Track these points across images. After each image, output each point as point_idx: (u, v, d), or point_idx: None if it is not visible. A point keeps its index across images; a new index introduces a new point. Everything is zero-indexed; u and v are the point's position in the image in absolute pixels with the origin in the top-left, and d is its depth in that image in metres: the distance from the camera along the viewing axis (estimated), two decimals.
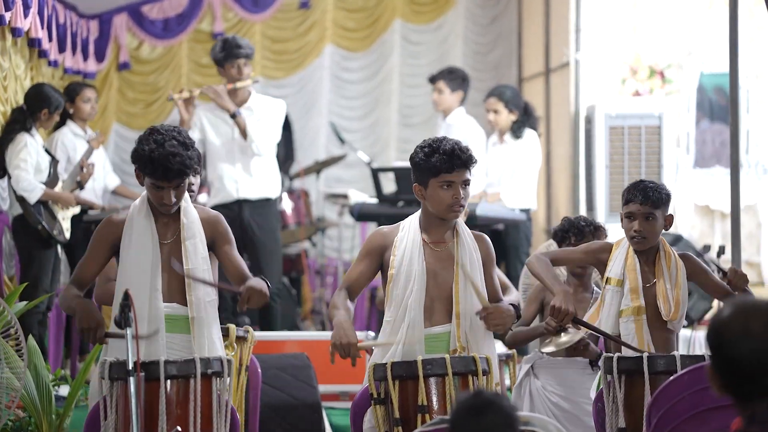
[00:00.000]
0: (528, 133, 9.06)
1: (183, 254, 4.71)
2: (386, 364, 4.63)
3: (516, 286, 6.68)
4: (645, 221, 5.04)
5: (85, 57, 10.66)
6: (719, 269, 5.03)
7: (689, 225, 10.97)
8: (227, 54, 8.34)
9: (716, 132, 10.69)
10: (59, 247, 7.84)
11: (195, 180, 5.37)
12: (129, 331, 3.99)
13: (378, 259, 4.87)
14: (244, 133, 8.26)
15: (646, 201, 5.03)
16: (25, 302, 6.37)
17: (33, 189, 7.60)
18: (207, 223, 4.81)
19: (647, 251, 5.09)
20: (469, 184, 4.84)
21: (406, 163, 8.86)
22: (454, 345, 4.73)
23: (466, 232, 4.88)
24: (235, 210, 8.41)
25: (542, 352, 5.57)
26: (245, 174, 8.39)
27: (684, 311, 5.05)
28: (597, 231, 5.70)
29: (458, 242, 4.83)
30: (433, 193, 4.79)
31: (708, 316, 8.92)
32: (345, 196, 9.99)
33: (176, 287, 4.70)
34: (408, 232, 4.85)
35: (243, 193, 8.41)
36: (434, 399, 4.61)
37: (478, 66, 11.81)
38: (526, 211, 9.00)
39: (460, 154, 4.77)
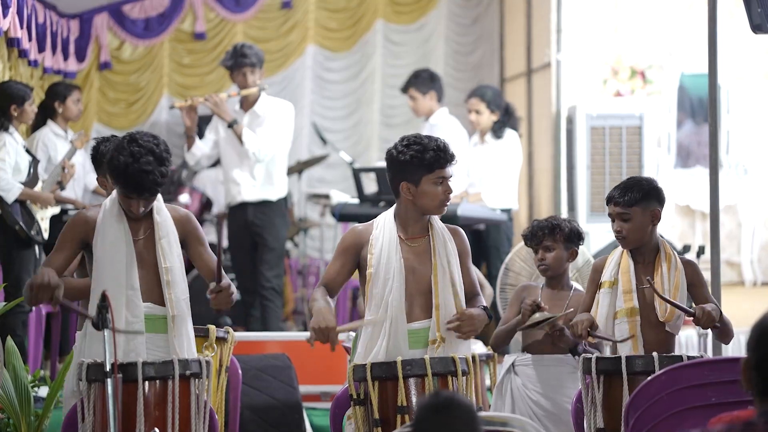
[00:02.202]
0: (509, 133, 9.06)
1: (159, 253, 4.71)
2: (366, 364, 4.63)
3: (495, 286, 6.70)
4: (622, 221, 5.05)
5: (66, 56, 10.62)
6: (689, 308, 4.99)
7: (670, 225, 10.99)
8: (234, 62, 8.58)
9: (697, 132, 10.73)
10: (38, 248, 7.80)
11: None
12: (107, 333, 3.97)
13: (354, 257, 4.86)
14: (240, 141, 8.45)
15: (618, 202, 5.06)
16: (2, 303, 6.34)
17: (10, 189, 7.56)
18: (178, 221, 4.81)
19: (645, 252, 5.06)
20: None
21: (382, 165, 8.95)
22: (434, 336, 4.72)
23: (439, 226, 4.88)
24: (241, 211, 8.61)
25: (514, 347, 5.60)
26: (249, 177, 8.58)
27: (679, 314, 5.00)
28: (553, 232, 5.66)
29: (433, 235, 4.82)
30: (426, 189, 4.78)
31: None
32: (327, 197, 10.00)
33: (152, 286, 4.71)
34: (383, 229, 4.84)
35: (245, 195, 8.61)
36: (414, 400, 4.61)
37: (460, 66, 11.82)
38: (507, 212, 9.00)
39: (447, 149, 4.80)
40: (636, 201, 5.02)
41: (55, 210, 7.97)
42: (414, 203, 4.82)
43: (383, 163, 8.73)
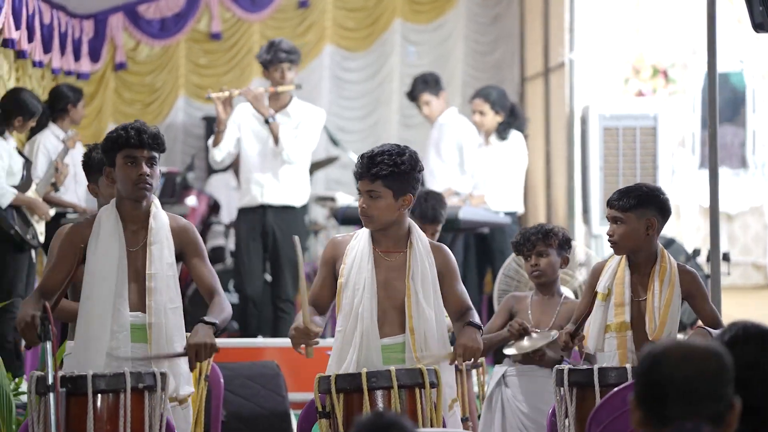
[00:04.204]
0: (514, 134, 8.90)
1: (147, 259, 4.61)
2: (330, 376, 4.48)
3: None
4: (614, 225, 4.87)
5: (78, 57, 10.56)
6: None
7: (695, 227, 10.78)
8: (272, 57, 8.29)
9: (722, 133, 10.48)
10: (33, 252, 7.72)
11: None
12: (48, 346, 3.85)
13: (332, 269, 4.74)
14: (276, 139, 8.19)
15: (612, 205, 4.89)
16: None
17: (4, 193, 7.49)
18: (176, 231, 4.71)
19: (642, 263, 4.86)
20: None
21: None
22: (412, 360, 4.57)
23: (421, 243, 4.69)
24: (259, 214, 8.33)
25: (505, 355, 5.46)
26: (273, 179, 8.31)
27: (671, 329, 4.79)
28: (546, 237, 5.52)
29: (411, 254, 4.65)
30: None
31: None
32: (333, 199, 9.83)
33: (140, 296, 4.60)
34: (360, 240, 4.70)
35: (267, 198, 8.32)
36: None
37: (479, 66, 11.64)
38: (512, 215, 8.82)
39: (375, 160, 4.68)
40: (631, 206, 4.82)
41: (51, 213, 7.88)
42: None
43: None
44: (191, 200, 10.07)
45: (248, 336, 8.23)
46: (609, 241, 4.90)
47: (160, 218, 4.69)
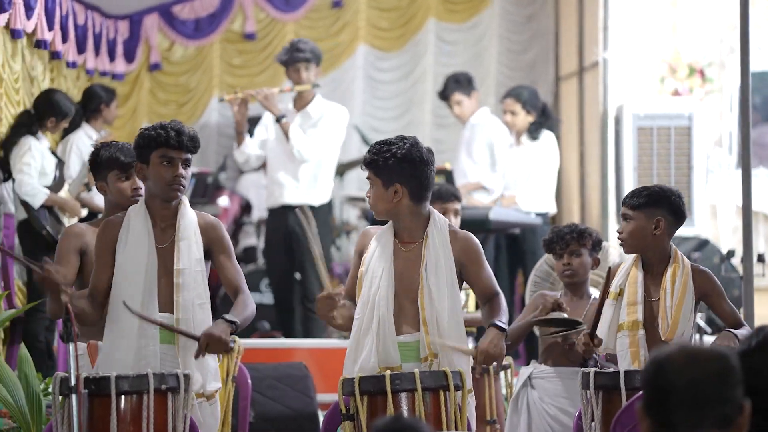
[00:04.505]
0: (545, 134, 8.84)
1: (175, 255, 4.61)
2: (354, 378, 4.46)
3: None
4: (624, 222, 4.87)
5: (112, 58, 10.60)
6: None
7: (731, 227, 10.66)
8: (289, 57, 8.38)
9: (760, 133, 10.37)
10: None
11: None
12: (71, 347, 3.85)
13: (360, 260, 4.74)
14: (287, 137, 8.23)
15: (624, 202, 4.91)
16: (13, 310, 6.28)
17: (36, 193, 7.53)
18: (204, 228, 4.71)
19: (654, 264, 4.86)
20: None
21: None
22: (425, 353, 4.53)
23: (438, 233, 4.63)
24: (282, 215, 8.39)
25: (533, 357, 5.44)
26: (293, 180, 8.37)
27: (685, 329, 4.76)
28: (581, 237, 5.49)
29: (426, 244, 4.62)
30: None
31: None
32: (364, 200, 9.80)
33: (170, 296, 4.59)
34: (384, 231, 4.69)
35: (287, 198, 8.38)
36: (405, 415, 4.43)
37: (514, 65, 11.57)
38: (543, 215, 8.76)
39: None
40: (640, 205, 4.82)
41: (83, 212, 7.91)
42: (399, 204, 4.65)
43: None
44: (223, 200, 10.08)
45: (287, 337, 8.24)
46: (618, 238, 4.92)
47: (189, 215, 4.69)
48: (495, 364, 4.51)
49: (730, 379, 2.49)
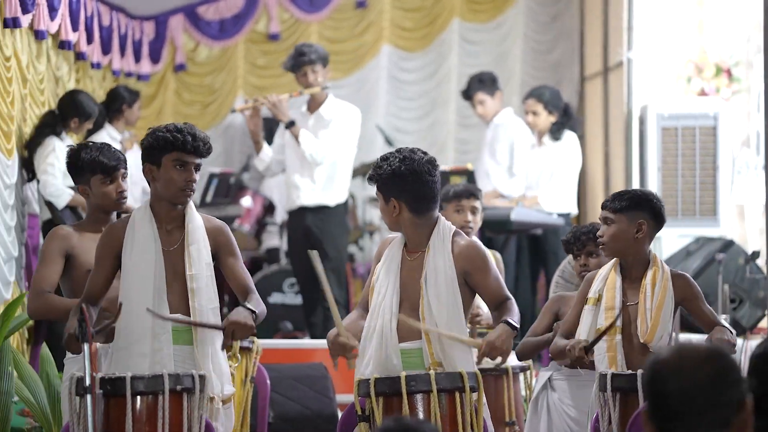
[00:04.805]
0: (567, 135, 8.81)
1: (186, 260, 4.59)
2: (370, 380, 4.46)
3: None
4: (604, 225, 4.86)
5: (138, 59, 10.65)
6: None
7: (758, 228, 10.59)
8: (293, 63, 8.43)
9: None
10: None
11: (125, 184, 5.16)
12: (86, 347, 3.87)
13: None
14: (297, 141, 8.30)
15: (604, 206, 4.89)
16: None
17: (60, 194, 7.56)
18: (211, 231, 4.68)
19: (634, 268, 4.85)
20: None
21: (441, 167, 8.75)
22: (428, 362, 4.52)
23: (440, 244, 4.61)
24: (300, 216, 8.45)
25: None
26: (309, 181, 8.41)
27: (663, 333, 4.75)
28: (598, 238, 5.47)
29: (426, 254, 4.61)
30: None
31: (762, 323, 8.59)
32: None
33: (181, 297, 4.58)
34: (397, 240, 4.71)
35: (304, 200, 8.44)
36: (421, 416, 4.43)
37: (538, 65, 11.52)
38: (566, 216, 8.72)
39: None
40: (622, 208, 4.82)
41: None
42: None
43: (443, 167, 8.65)
44: (246, 201, 10.10)
45: (314, 337, 8.26)
46: (598, 242, 4.91)
47: (196, 219, 4.67)
48: (500, 359, 4.47)
49: (724, 382, 2.48)
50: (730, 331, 4.72)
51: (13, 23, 6.93)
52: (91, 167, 4.98)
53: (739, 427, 2.46)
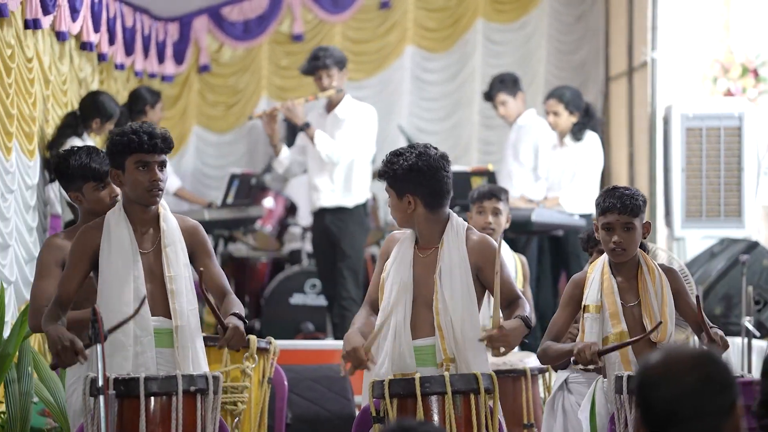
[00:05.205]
0: (589, 135, 8.76)
1: (164, 261, 4.56)
2: (384, 381, 4.45)
3: None
4: (624, 232, 4.76)
5: (162, 60, 10.67)
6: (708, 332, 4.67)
7: None
8: (308, 67, 8.55)
9: None
10: None
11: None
12: (98, 348, 3.86)
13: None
14: (312, 143, 8.39)
15: (624, 210, 4.76)
16: None
17: None
18: (186, 232, 4.66)
19: (626, 269, 4.80)
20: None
21: (462, 167, 8.74)
22: (441, 358, 4.50)
23: (454, 239, 4.61)
24: (321, 218, 8.54)
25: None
26: (328, 182, 8.47)
27: (672, 328, 4.73)
28: None
29: (441, 250, 4.59)
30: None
31: None
32: None
33: (160, 299, 4.55)
34: (406, 237, 4.69)
35: (323, 201, 8.51)
36: (435, 418, 4.41)
37: (563, 65, 11.47)
38: (587, 217, 8.68)
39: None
40: (639, 211, 4.78)
41: None
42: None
43: (459, 167, 8.63)
44: (268, 202, 10.10)
45: (338, 338, 8.27)
46: (616, 249, 4.75)
47: (170, 220, 4.64)
48: (503, 350, 4.45)
49: (713, 388, 2.45)
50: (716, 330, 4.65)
51: (33, 24, 6.95)
52: (83, 174, 4.97)
53: (731, 429, 2.43)
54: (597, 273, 4.83)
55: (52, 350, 4.29)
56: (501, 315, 4.52)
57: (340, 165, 8.42)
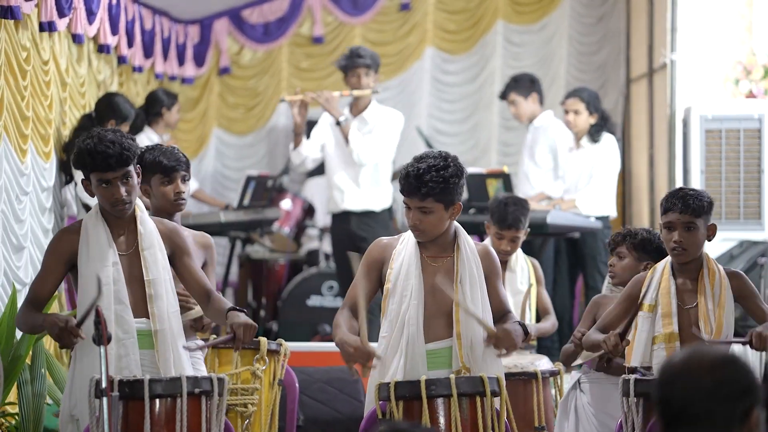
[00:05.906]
0: (606, 137, 8.72)
1: (142, 265, 4.54)
2: (390, 384, 4.44)
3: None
4: (685, 231, 4.72)
5: (182, 62, 10.70)
6: (741, 336, 4.63)
7: None
8: (348, 63, 8.47)
9: None
10: None
11: (185, 187, 5.24)
12: (101, 350, 3.87)
13: (377, 272, 4.69)
14: (346, 140, 8.29)
15: (686, 209, 4.71)
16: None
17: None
18: (165, 234, 4.64)
19: (688, 270, 4.76)
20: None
21: (479, 169, 8.71)
22: (458, 365, 4.50)
23: (468, 246, 4.63)
24: (344, 220, 8.44)
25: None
26: (353, 184, 8.43)
27: (728, 333, 4.69)
28: (625, 240, 5.41)
29: (458, 257, 4.58)
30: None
31: None
32: None
33: (141, 302, 4.53)
34: (407, 245, 4.64)
35: (348, 204, 8.43)
36: (441, 421, 4.40)
37: (584, 67, 11.41)
38: (604, 219, 8.63)
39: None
40: (703, 211, 4.72)
41: None
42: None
43: (474, 169, 8.61)
44: (286, 203, 10.10)
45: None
46: (677, 249, 4.72)
47: (147, 223, 4.61)
48: (504, 351, 4.44)
49: (727, 392, 2.42)
50: None
51: (49, 27, 6.97)
52: (151, 168, 5.07)
53: None
54: (657, 273, 4.82)
55: (52, 335, 4.34)
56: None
57: (366, 167, 8.36)
